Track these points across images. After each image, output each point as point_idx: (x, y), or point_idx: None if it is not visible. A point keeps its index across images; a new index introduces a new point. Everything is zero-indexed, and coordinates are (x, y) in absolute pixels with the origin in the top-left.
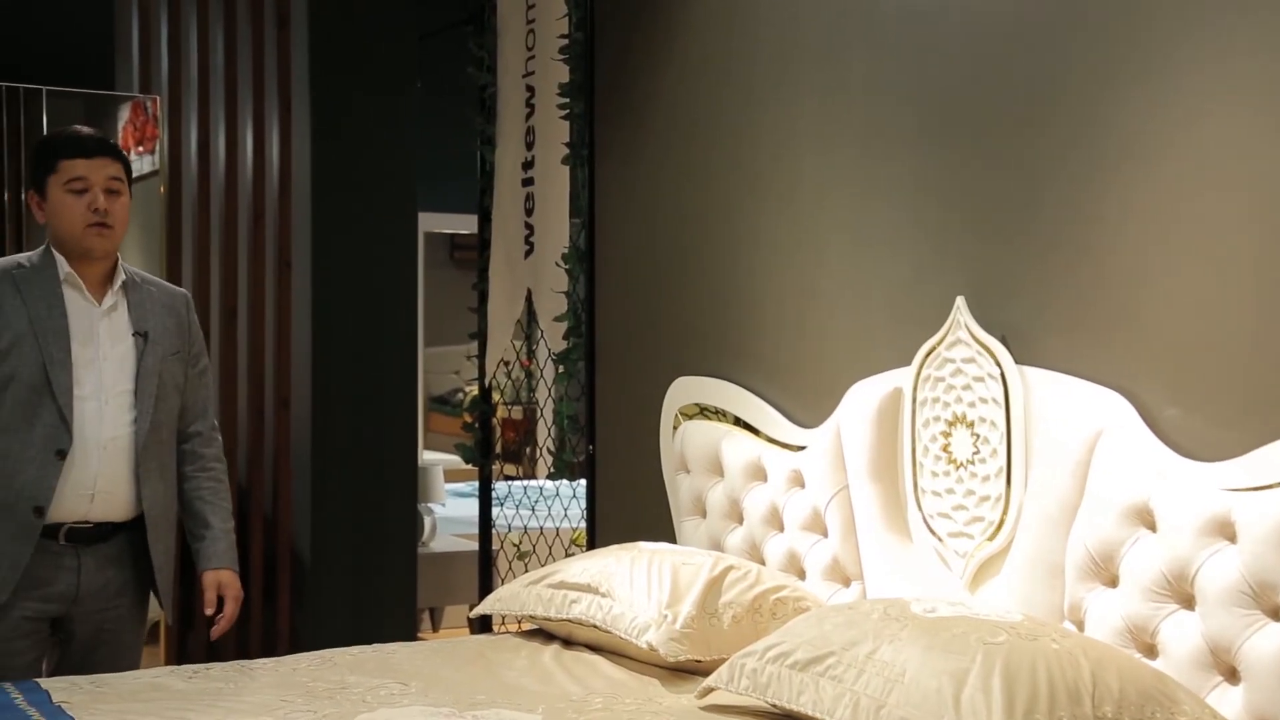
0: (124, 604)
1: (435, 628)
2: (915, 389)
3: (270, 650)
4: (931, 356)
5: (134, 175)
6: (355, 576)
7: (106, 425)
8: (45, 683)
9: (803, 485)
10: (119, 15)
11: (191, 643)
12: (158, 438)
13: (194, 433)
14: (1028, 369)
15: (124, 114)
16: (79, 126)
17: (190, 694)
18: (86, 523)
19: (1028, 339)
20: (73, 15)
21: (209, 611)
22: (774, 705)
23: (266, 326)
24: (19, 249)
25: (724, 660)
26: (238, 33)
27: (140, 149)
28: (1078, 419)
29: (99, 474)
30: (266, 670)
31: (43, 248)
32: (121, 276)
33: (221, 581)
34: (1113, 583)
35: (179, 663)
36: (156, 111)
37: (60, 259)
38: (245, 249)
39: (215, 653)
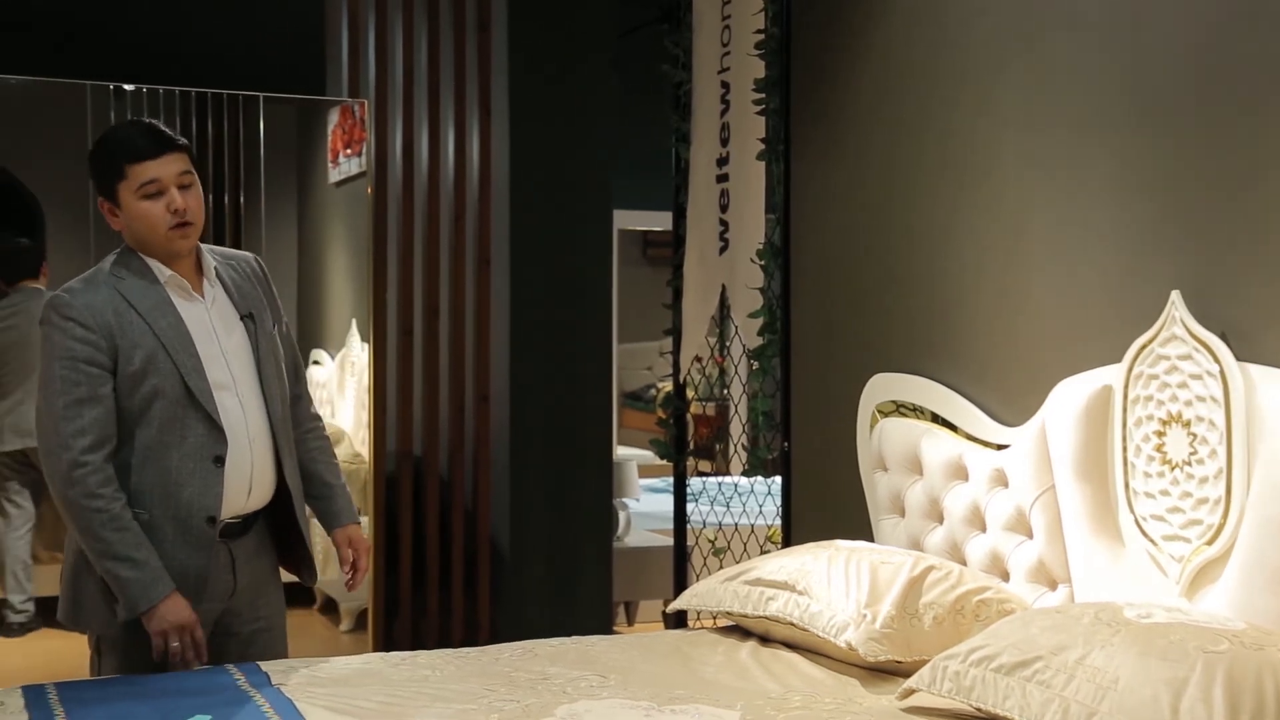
0: (270, 591)
1: (630, 621)
2: (1126, 387)
3: (471, 640)
4: (1144, 353)
5: (342, 178)
6: (552, 569)
7: (249, 418)
8: (265, 666)
9: (1006, 484)
10: (329, 23)
11: (397, 630)
12: (283, 414)
13: (295, 394)
14: (1250, 366)
15: (333, 118)
16: (135, 122)
17: (398, 680)
18: (237, 517)
19: (1249, 335)
20: (286, 24)
21: (345, 569)
22: (978, 709)
23: (466, 323)
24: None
25: (925, 661)
26: (440, 37)
27: (348, 151)
28: None
29: (254, 466)
30: (469, 659)
31: (119, 252)
32: (211, 263)
33: (351, 537)
34: None
35: (385, 649)
36: (364, 115)
37: (154, 264)
38: (446, 248)
39: (420, 641)
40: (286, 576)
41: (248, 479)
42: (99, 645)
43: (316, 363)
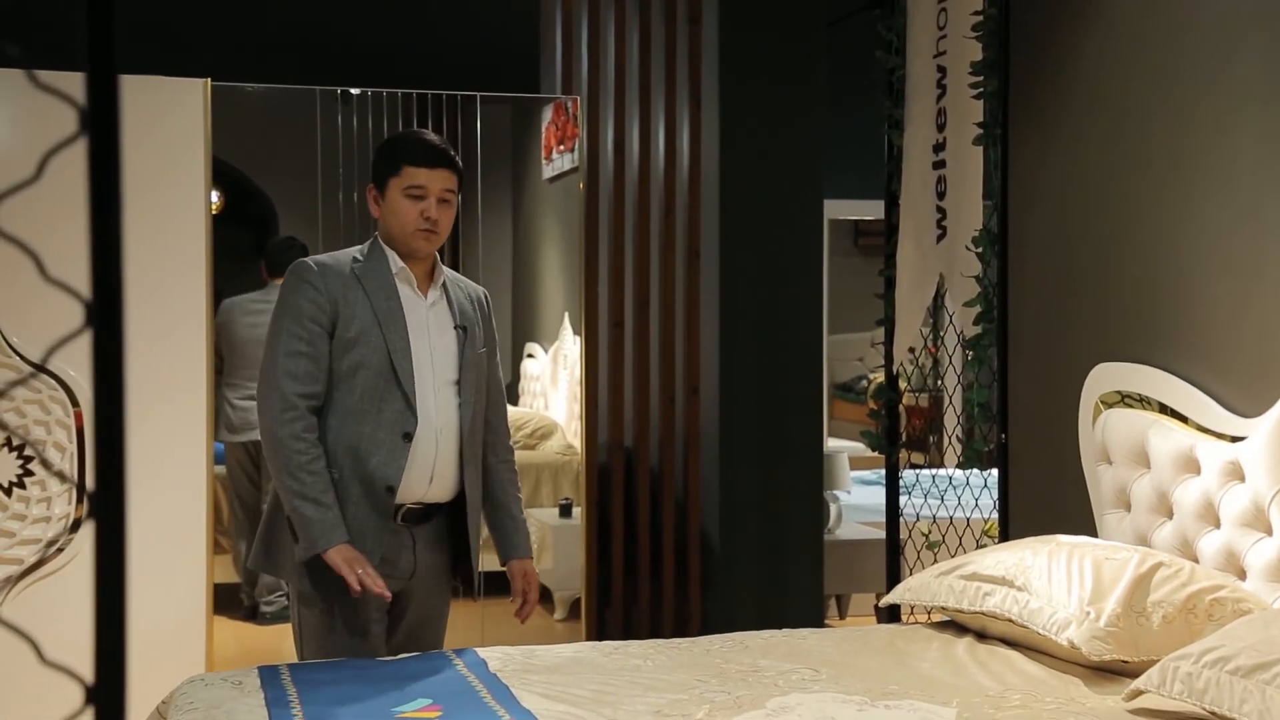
0: (444, 583)
1: (841, 615)
2: None
3: (682, 631)
4: None
5: (556, 173)
6: (762, 561)
7: (441, 411)
8: (482, 653)
9: (1241, 478)
10: (544, 22)
11: (610, 620)
12: (475, 425)
13: (494, 423)
14: None
15: (547, 115)
16: (425, 132)
17: (610, 669)
18: (420, 504)
19: None
20: (502, 25)
21: (517, 601)
22: (1212, 713)
23: (676, 315)
24: (455, 246)
25: (1153, 662)
26: (651, 31)
27: (561, 148)
28: None
29: (438, 457)
30: (681, 650)
31: (370, 242)
32: (443, 274)
33: (526, 570)
34: None
35: (598, 639)
36: (576, 111)
37: (391, 254)
38: (657, 240)
39: (631, 631)
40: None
41: (430, 467)
42: (299, 599)
43: (530, 356)
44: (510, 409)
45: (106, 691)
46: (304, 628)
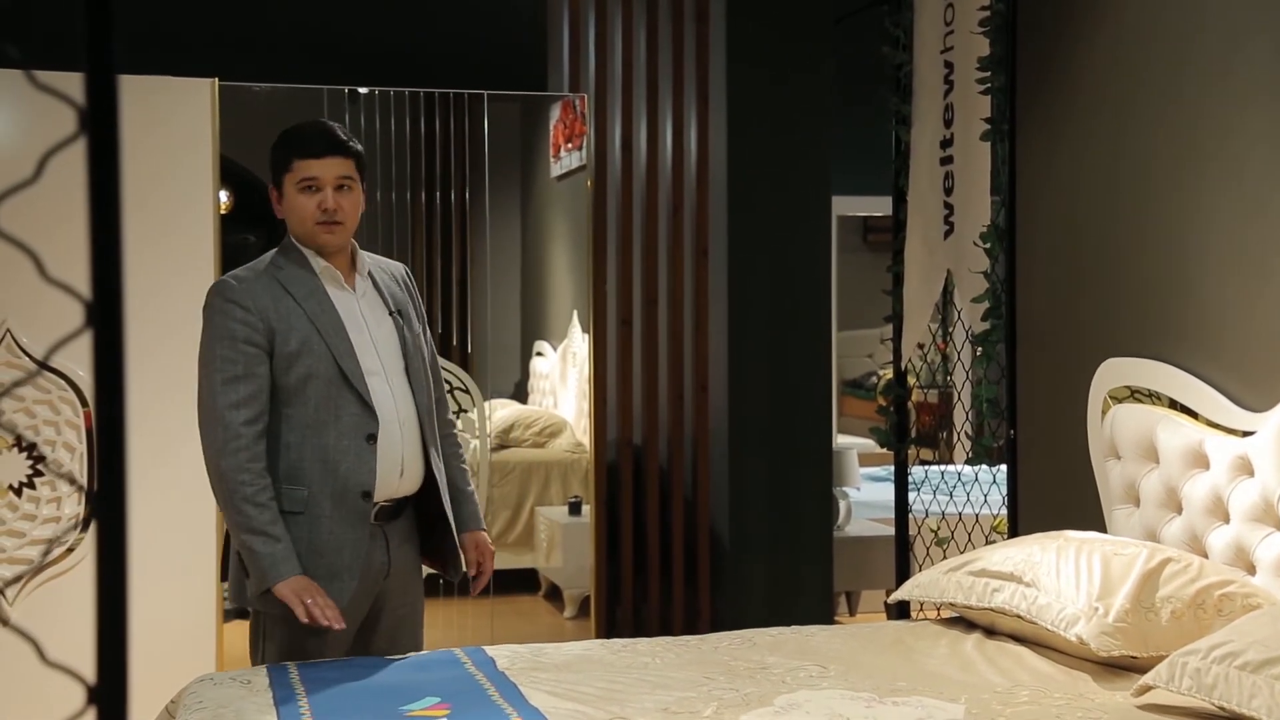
0: (415, 580)
1: (851, 611)
2: None
3: (691, 628)
4: None
5: (563, 172)
6: (772, 558)
7: (398, 403)
8: (490, 650)
9: (1251, 473)
10: (551, 21)
11: (619, 617)
12: (429, 405)
13: (435, 398)
14: None
15: (555, 113)
16: (315, 123)
17: (619, 666)
18: (391, 500)
19: None
20: (509, 24)
21: (471, 572)
22: (1221, 708)
23: (685, 313)
24: (464, 244)
25: (1162, 658)
26: (659, 30)
27: (569, 146)
28: None
29: (404, 449)
30: (689, 647)
31: (283, 244)
32: (365, 262)
33: (479, 542)
34: None
35: (608, 636)
36: (584, 109)
37: (310, 254)
38: (665, 238)
39: (641, 628)
40: (427, 571)
41: (399, 461)
42: (263, 628)
43: (539, 354)
44: (519, 407)
45: (108, 692)
46: (266, 627)
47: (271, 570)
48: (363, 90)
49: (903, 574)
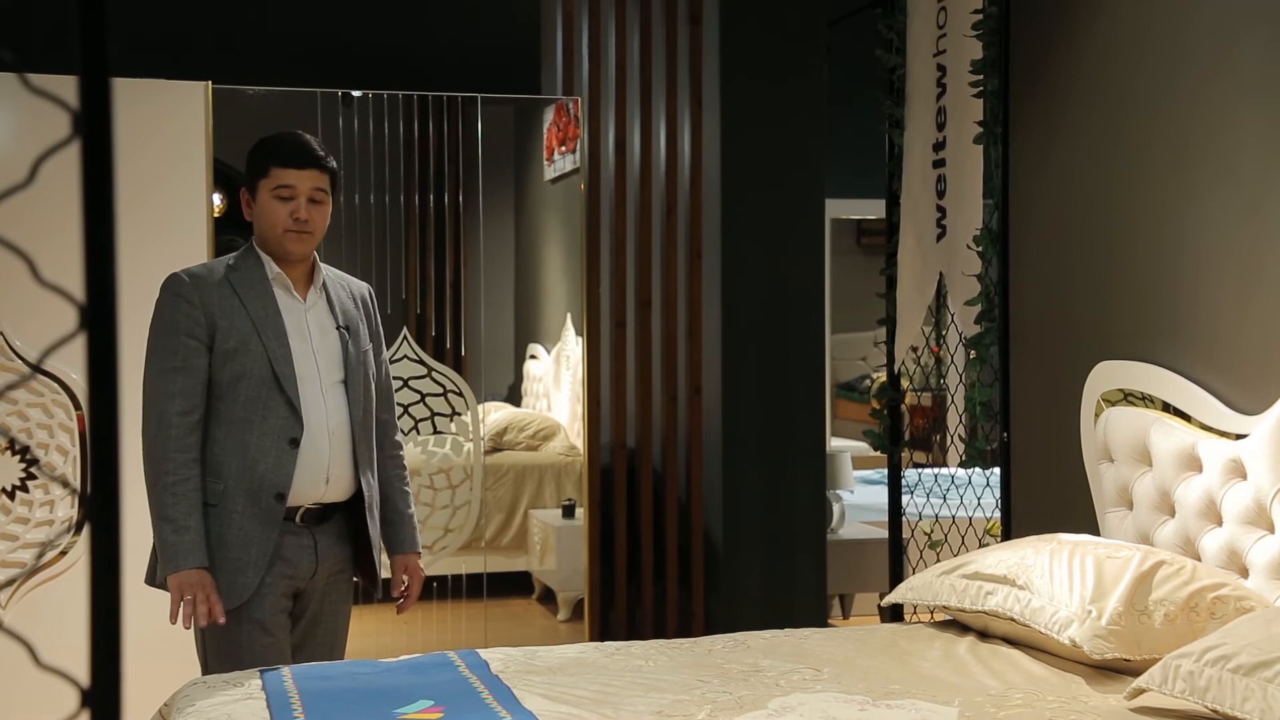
0: (344, 581)
1: (845, 614)
2: None
3: (685, 631)
4: None
5: (557, 174)
6: (766, 561)
7: (330, 413)
8: (484, 653)
9: (1244, 476)
10: (545, 23)
11: (613, 620)
12: (367, 423)
13: (383, 420)
14: None
15: (548, 116)
16: (295, 133)
17: (612, 669)
18: (318, 504)
19: None
20: (502, 27)
21: (395, 594)
22: (1214, 711)
23: (679, 315)
24: (457, 247)
25: (1155, 660)
26: (652, 31)
27: (563, 148)
28: None
29: (331, 458)
30: (683, 651)
31: (245, 248)
32: (322, 275)
33: (409, 565)
34: None
35: (601, 639)
36: (578, 112)
37: (267, 260)
38: (659, 240)
39: (635, 631)
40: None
41: (324, 469)
42: (204, 633)
43: (533, 357)
44: (513, 410)
45: (102, 695)
46: (208, 628)
47: (172, 560)
48: (356, 93)
49: (896, 577)
